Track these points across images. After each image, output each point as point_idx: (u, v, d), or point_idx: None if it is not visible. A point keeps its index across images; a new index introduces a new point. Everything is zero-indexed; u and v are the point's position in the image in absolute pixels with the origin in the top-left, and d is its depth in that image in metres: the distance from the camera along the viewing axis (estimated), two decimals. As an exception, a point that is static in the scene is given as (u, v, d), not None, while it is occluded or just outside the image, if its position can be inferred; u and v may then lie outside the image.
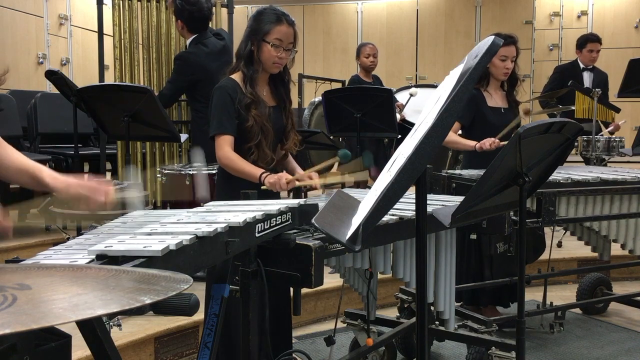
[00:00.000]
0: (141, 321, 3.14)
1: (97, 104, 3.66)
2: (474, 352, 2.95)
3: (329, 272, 3.15)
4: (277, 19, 2.54)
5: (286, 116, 2.68)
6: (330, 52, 9.15)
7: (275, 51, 2.53)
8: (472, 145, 3.41)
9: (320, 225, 1.26)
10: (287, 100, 2.70)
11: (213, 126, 2.58)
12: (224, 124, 2.54)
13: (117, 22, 4.75)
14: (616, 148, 4.75)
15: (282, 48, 2.54)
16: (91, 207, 1.76)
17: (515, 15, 8.69)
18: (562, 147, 1.99)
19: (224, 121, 2.54)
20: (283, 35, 2.53)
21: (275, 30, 2.53)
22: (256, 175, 2.46)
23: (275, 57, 2.54)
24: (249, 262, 1.92)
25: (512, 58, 3.52)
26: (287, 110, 2.69)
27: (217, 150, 2.56)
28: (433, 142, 1.16)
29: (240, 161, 2.52)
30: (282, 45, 2.54)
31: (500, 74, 3.55)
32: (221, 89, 2.58)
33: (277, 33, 2.53)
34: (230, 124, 2.54)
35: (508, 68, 3.53)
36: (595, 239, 3.57)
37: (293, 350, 2.50)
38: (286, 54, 2.57)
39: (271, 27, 2.53)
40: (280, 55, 2.55)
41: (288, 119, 2.68)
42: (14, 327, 0.69)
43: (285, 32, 2.54)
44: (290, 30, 2.55)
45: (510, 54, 3.50)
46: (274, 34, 2.52)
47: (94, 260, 1.30)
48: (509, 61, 3.52)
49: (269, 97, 2.67)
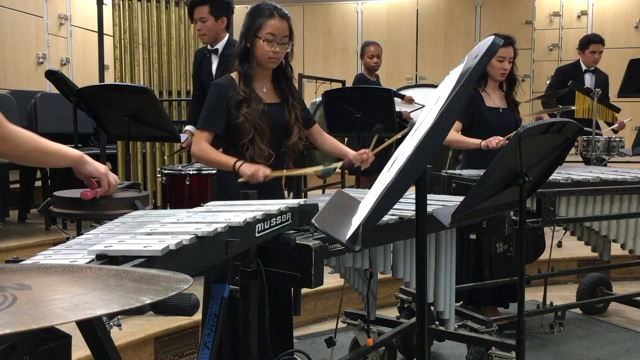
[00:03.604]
0: (141, 321, 3.14)
1: (97, 104, 3.65)
2: (474, 352, 2.96)
3: (329, 272, 3.15)
4: (269, 13, 2.52)
5: (289, 111, 2.65)
6: (330, 52, 9.15)
7: (268, 46, 2.51)
8: (477, 143, 3.40)
9: (320, 225, 1.26)
10: (290, 95, 2.67)
11: (200, 120, 2.62)
12: (207, 121, 2.57)
13: (117, 22, 4.75)
14: (616, 148, 4.75)
15: (275, 42, 2.51)
16: (92, 189, 1.86)
17: (515, 15, 8.68)
18: (562, 147, 1.99)
19: (209, 118, 2.57)
20: (275, 29, 2.51)
21: (267, 25, 2.51)
22: (230, 164, 2.47)
23: (270, 52, 2.52)
24: (249, 262, 1.92)
25: (509, 59, 3.51)
26: (290, 105, 2.66)
27: (193, 145, 2.61)
28: (433, 142, 1.16)
29: (213, 152, 2.54)
30: (276, 40, 2.51)
31: (497, 74, 3.54)
32: (215, 86, 2.60)
33: (269, 27, 2.51)
34: (214, 122, 2.56)
35: (505, 69, 3.52)
36: (595, 239, 3.57)
37: (293, 351, 2.49)
38: (281, 48, 2.54)
39: (263, 21, 2.51)
40: (274, 50, 2.52)
41: (291, 114, 2.65)
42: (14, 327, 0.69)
43: (278, 26, 2.52)
44: (283, 24, 2.53)
45: (508, 55, 3.50)
46: (266, 28, 2.51)
47: (94, 260, 1.30)
48: (507, 62, 3.51)
49: (270, 94, 2.65)
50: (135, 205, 2.53)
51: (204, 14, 3.81)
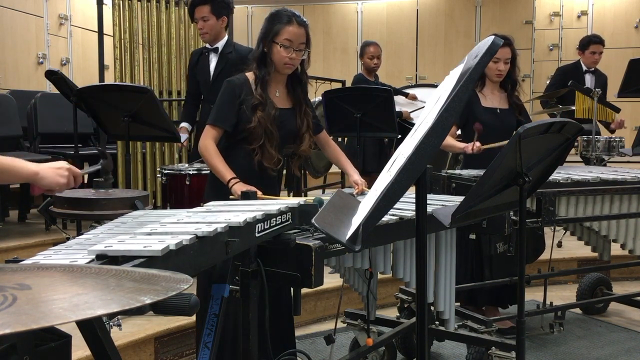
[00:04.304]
0: (141, 321, 3.14)
1: (97, 104, 3.65)
2: (474, 352, 2.95)
3: (329, 272, 3.15)
4: (288, 19, 2.54)
5: (301, 118, 2.66)
6: (330, 52, 9.15)
7: (285, 52, 2.53)
8: (461, 147, 3.41)
9: (320, 225, 1.26)
10: (303, 101, 2.69)
11: (211, 116, 2.63)
12: (219, 117, 2.58)
13: (117, 22, 4.75)
14: (616, 148, 4.74)
15: (292, 49, 2.54)
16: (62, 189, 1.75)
17: (515, 15, 8.68)
18: (562, 147, 1.99)
19: (221, 114, 2.58)
20: (293, 35, 2.53)
21: (285, 31, 2.53)
22: (226, 178, 2.48)
23: (286, 57, 2.54)
24: (249, 262, 1.92)
25: (505, 60, 3.48)
26: (303, 112, 2.67)
27: (201, 137, 2.61)
28: (433, 142, 1.16)
29: (216, 157, 2.54)
30: (292, 46, 2.54)
31: (492, 75, 3.52)
32: (229, 83, 2.61)
33: (287, 34, 2.53)
34: (225, 119, 2.57)
35: (501, 70, 3.49)
36: (595, 239, 3.57)
37: (293, 351, 2.50)
38: (297, 55, 2.56)
39: (281, 27, 2.53)
40: (290, 56, 2.54)
41: (303, 121, 2.66)
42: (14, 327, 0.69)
43: (296, 32, 2.54)
44: (301, 31, 2.55)
45: (503, 56, 3.46)
46: (284, 34, 2.53)
47: (94, 260, 1.30)
48: (502, 63, 3.47)
49: (283, 99, 2.66)
50: (135, 205, 2.53)
51: (205, 13, 3.84)
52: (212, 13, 3.84)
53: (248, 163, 2.57)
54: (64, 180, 1.71)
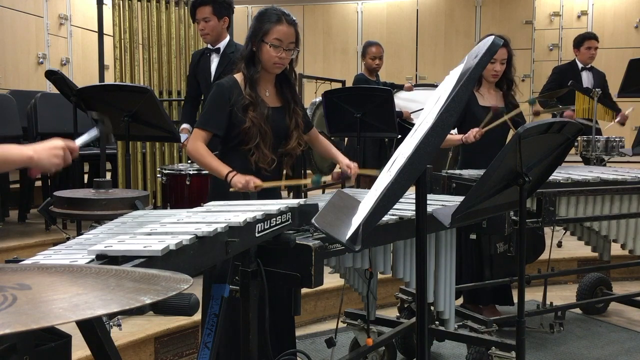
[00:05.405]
0: (141, 321, 3.14)
1: (97, 104, 3.65)
2: (474, 352, 2.95)
3: (329, 272, 3.15)
4: (277, 18, 2.52)
5: (290, 116, 2.65)
6: (330, 52, 9.15)
7: (275, 51, 2.51)
8: (459, 139, 3.41)
9: (320, 225, 1.26)
10: (292, 100, 2.67)
11: (199, 120, 2.62)
12: (208, 120, 2.57)
13: (117, 22, 4.75)
14: (616, 148, 4.74)
15: (282, 48, 2.52)
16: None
17: (515, 15, 8.68)
18: (562, 147, 1.99)
19: (209, 118, 2.57)
20: (282, 35, 2.51)
21: (275, 30, 2.51)
22: (223, 173, 2.46)
23: (275, 57, 2.52)
24: (249, 262, 1.92)
25: (501, 60, 3.48)
26: (292, 111, 2.66)
27: (190, 141, 2.60)
28: (433, 142, 1.16)
29: (209, 156, 2.53)
30: (282, 46, 2.52)
31: (489, 76, 3.53)
32: (218, 86, 2.59)
33: (277, 33, 2.51)
34: (213, 122, 2.55)
35: (497, 71, 3.49)
36: (595, 239, 3.57)
37: (293, 351, 2.49)
38: (287, 54, 2.55)
39: (270, 26, 2.51)
40: (280, 56, 2.52)
41: (292, 119, 2.65)
42: (14, 327, 0.69)
43: (285, 32, 2.52)
44: (290, 30, 2.53)
45: (500, 57, 3.46)
46: (273, 33, 2.51)
47: (94, 260, 1.30)
48: (498, 64, 3.47)
49: (273, 98, 2.65)
50: (135, 205, 2.53)
51: (207, 14, 3.84)
52: (214, 14, 3.84)
53: (244, 165, 2.55)
54: (59, 160, 1.71)
